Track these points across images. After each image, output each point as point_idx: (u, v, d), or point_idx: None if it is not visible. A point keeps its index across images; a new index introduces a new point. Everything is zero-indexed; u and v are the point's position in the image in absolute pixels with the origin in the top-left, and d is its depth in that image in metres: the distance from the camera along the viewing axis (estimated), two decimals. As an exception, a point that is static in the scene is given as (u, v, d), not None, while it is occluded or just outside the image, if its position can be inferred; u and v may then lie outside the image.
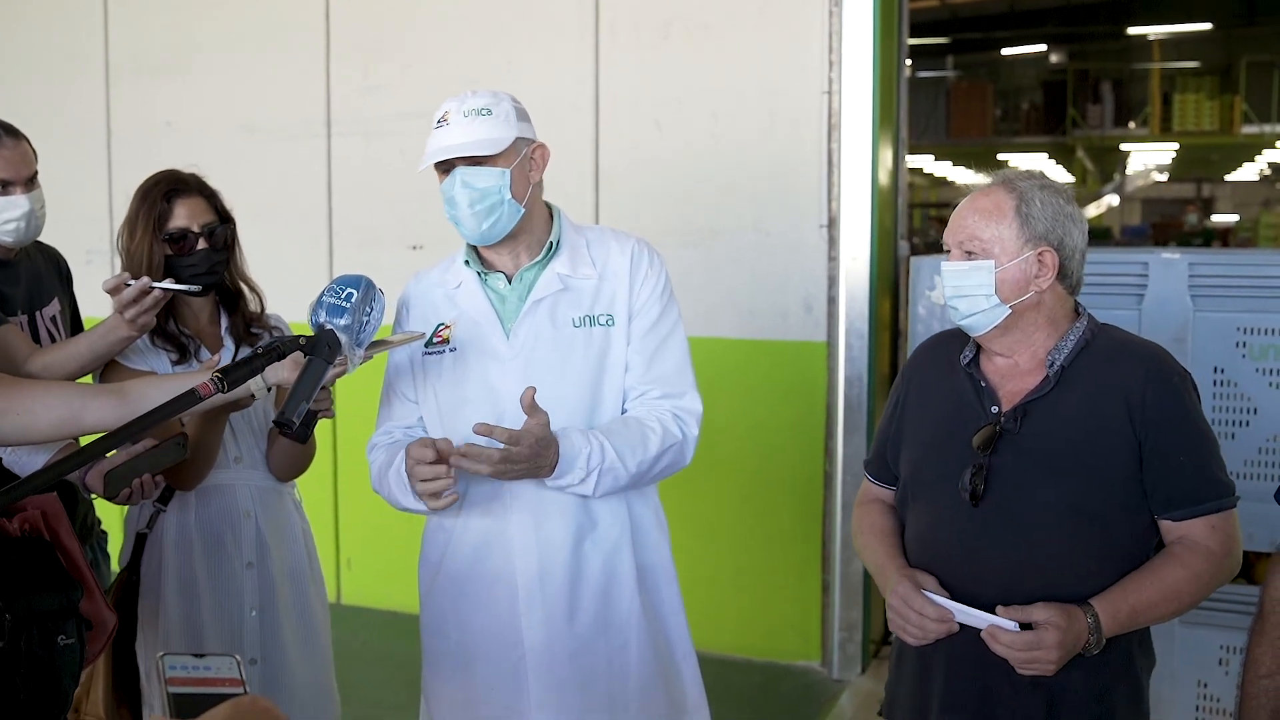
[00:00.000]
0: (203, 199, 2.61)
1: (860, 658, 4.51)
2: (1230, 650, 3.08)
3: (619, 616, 2.33)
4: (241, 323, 2.70)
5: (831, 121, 4.33)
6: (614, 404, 2.32)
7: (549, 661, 2.30)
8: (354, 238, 5.17)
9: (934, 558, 2.08)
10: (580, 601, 2.31)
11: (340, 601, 5.28)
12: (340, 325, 2.03)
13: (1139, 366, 2.02)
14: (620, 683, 2.33)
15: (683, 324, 2.39)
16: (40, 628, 2.20)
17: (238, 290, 2.72)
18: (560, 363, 2.28)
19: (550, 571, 2.29)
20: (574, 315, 2.30)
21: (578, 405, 2.28)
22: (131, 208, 2.60)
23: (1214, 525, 1.99)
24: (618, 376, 2.32)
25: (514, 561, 2.30)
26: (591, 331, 2.30)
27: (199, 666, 1.03)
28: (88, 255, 5.23)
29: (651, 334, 2.32)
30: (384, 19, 5.04)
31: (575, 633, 2.30)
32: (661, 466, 2.30)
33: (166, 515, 2.64)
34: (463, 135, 2.22)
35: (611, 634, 2.32)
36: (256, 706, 0.93)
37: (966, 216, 2.07)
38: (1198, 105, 16.97)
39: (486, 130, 2.22)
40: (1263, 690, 1.82)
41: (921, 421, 2.19)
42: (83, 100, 5.61)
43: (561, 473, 2.19)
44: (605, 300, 2.32)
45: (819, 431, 4.47)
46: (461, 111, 2.23)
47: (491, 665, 2.34)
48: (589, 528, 2.32)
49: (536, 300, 2.29)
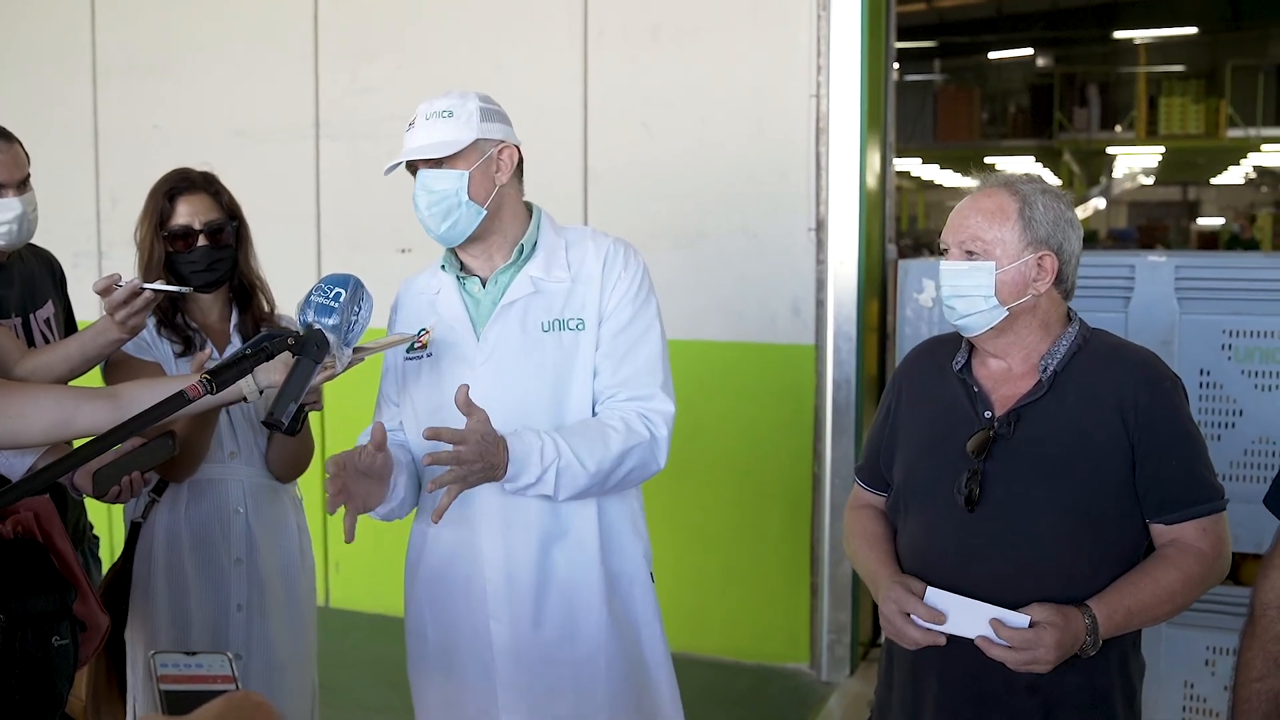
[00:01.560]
0: (208, 196, 2.64)
1: (849, 660, 4.52)
2: (1216, 651, 3.09)
3: (586, 625, 2.31)
4: (251, 321, 2.71)
5: (820, 125, 4.34)
6: (582, 409, 2.29)
7: (516, 666, 2.29)
8: (342, 240, 5.16)
9: (929, 563, 2.08)
10: (546, 607, 2.29)
11: (328, 604, 5.28)
12: (328, 325, 2.03)
13: (1131, 371, 2.03)
14: (588, 692, 2.31)
15: (660, 325, 2.35)
16: (35, 629, 2.21)
17: (250, 288, 2.73)
18: (528, 367, 2.27)
19: (517, 576, 2.28)
20: (544, 319, 2.28)
21: (544, 410, 2.26)
22: (144, 204, 2.65)
23: (1205, 528, 2.01)
24: (586, 381, 2.29)
25: (483, 565, 2.29)
26: (560, 336, 2.28)
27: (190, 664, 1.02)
28: (75, 258, 5.21)
29: (622, 336, 2.29)
30: (373, 22, 5.04)
31: (541, 638, 2.29)
32: (629, 467, 2.24)
33: (159, 507, 2.65)
34: (424, 138, 2.23)
35: (578, 643, 2.30)
36: (249, 702, 0.93)
37: (969, 216, 2.07)
38: (1183, 109, 17.03)
39: (444, 133, 2.22)
40: (1255, 694, 1.82)
41: (914, 427, 2.19)
42: (70, 102, 5.60)
43: (516, 473, 2.13)
44: (576, 304, 2.30)
45: (807, 434, 4.48)
46: (425, 114, 2.25)
47: (467, 667, 2.34)
48: (557, 535, 2.29)
49: (507, 304, 2.28)
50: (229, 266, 2.66)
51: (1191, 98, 17.08)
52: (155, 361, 2.61)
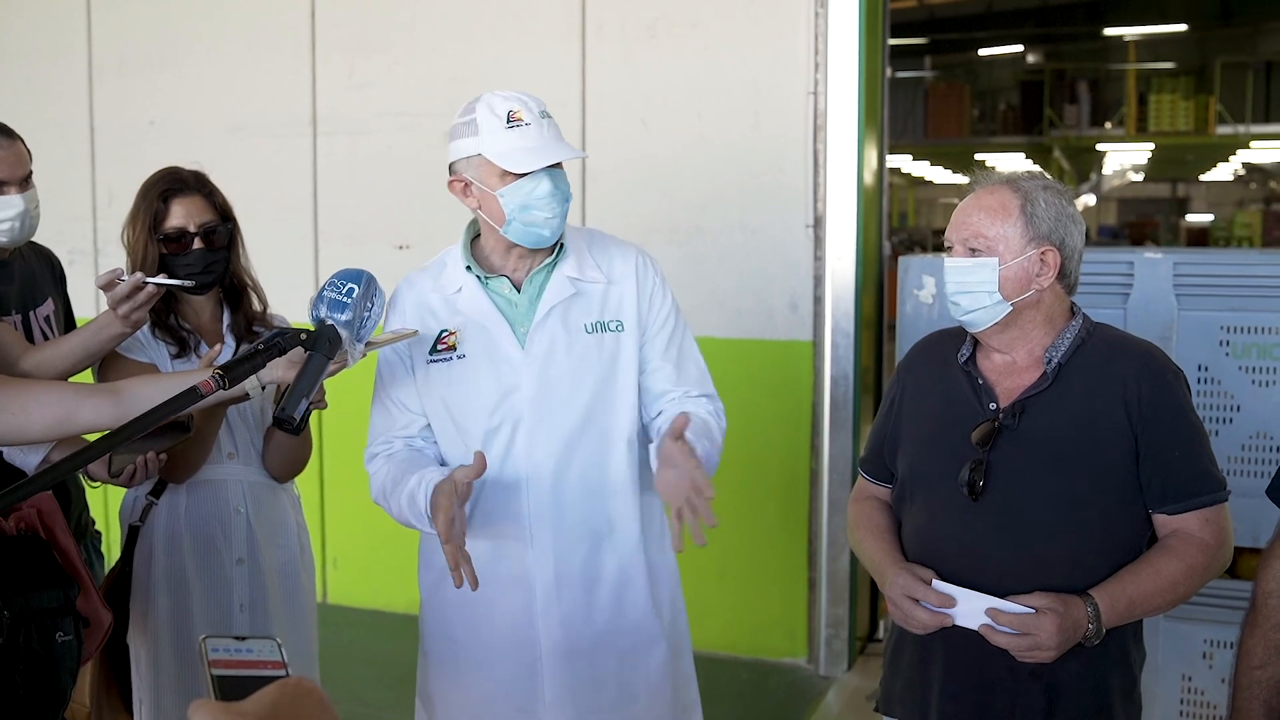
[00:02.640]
0: (201, 198, 2.61)
1: (847, 654, 4.54)
2: (1214, 644, 3.11)
3: (634, 615, 2.34)
4: (243, 321, 2.70)
5: (817, 122, 4.35)
6: (628, 411, 2.32)
7: (565, 661, 2.30)
8: (339, 236, 5.16)
9: (933, 552, 2.11)
10: (597, 602, 2.32)
11: (326, 600, 5.27)
12: (341, 320, 2.03)
13: (1134, 364, 2.06)
14: (630, 681, 2.34)
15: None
16: (38, 624, 2.21)
17: (241, 287, 2.72)
18: (575, 369, 2.28)
19: (567, 575, 2.30)
20: (585, 321, 2.29)
21: (593, 411, 2.29)
22: (134, 204, 2.61)
23: (1207, 518, 2.04)
24: (631, 384, 2.32)
25: (530, 566, 2.29)
26: (603, 337, 2.30)
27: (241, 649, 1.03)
28: (71, 255, 5.19)
29: (673, 342, 2.36)
30: (370, 17, 5.03)
31: (592, 632, 2.31)
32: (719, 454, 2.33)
33: (158, 509, 2.64)
34: (557, 137, 2.21)
35: (624, 633, 2.33)
36: (302, 688, 0.95)
37: (972, 214, 2.09)
38: (1173, 106, 17.08)
39: (561, 133, 2.24)
40: (1255, 681, 1.85)
41: (919, 419, 2.22)
42: (65, 98, 5.58)
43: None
44: (614, 306, 2.32)
45: (805, 430, 4.50)
46: (536, 111, 2.20)
47: (505, 667, 2.34)
48: (606, 531, 2.32)
49: (551, 304, 2.28)
50: (223, 268, 2.65)
51: (1181, 94, 17.13)
52: (151, 363, 2.60)
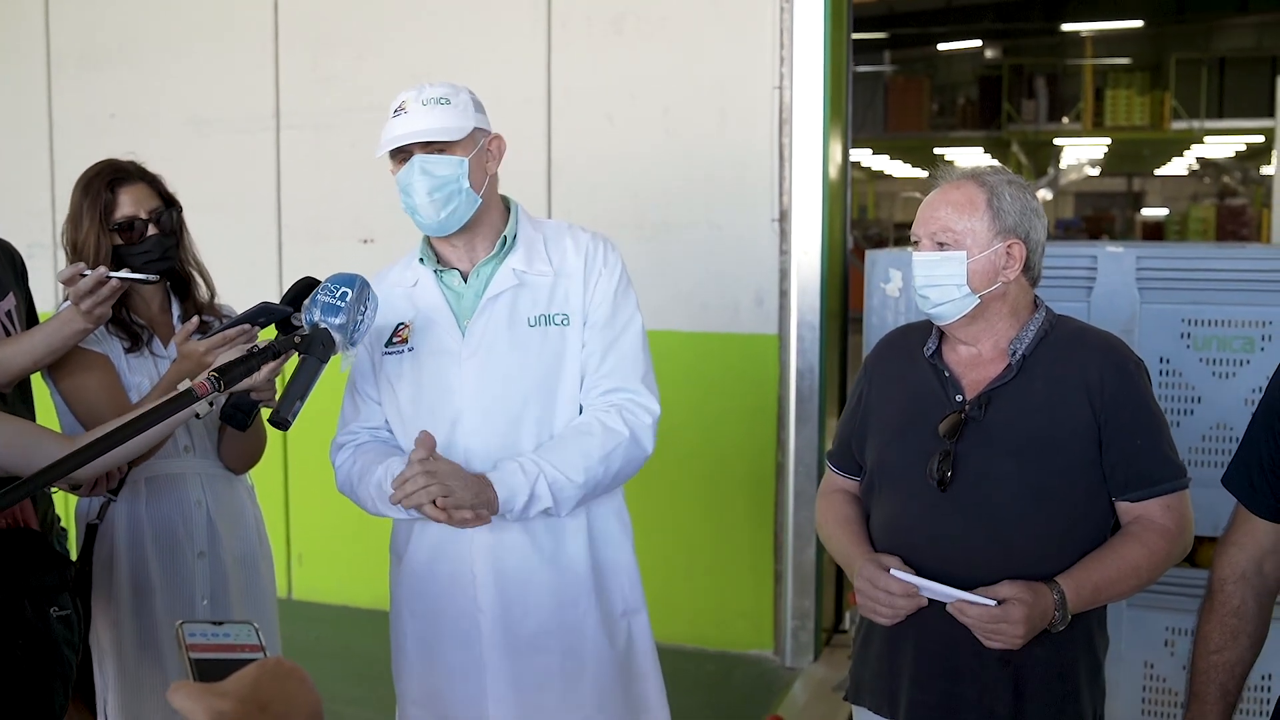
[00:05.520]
0: (145, 185, 2.60)
1: (813, 646, 4.58)
2: (1175, 632, 3.17)
3: (572, 617, 2.33)
4: (192, 309, 2.68)
5: (783, 116, 4.37)
6: (569, 404, 2.31)
7: (505, 657, 2.30)
8: (304, 231, 5.13)
9: (902, 543, 2.13)
10: (536, 598, 2.31)
11: (291, 596, 5.25)
12: (335, 324, 2.04)
13: (1097, 355, 2.10)
14: (576, 681, 2.33)
15: (640, 317, 2.38)
16: (33, 600, 2.21)
17: (188, 277, 2.70)
18: (516, 361, 2.27)
19: (505, 568, 2.30)
20: (530, 314, 2.29)
21: (533, 404, 2.28)
22: (74, 201, 2.57)
23: (1169, 505, 2.09)
24: (574, 377, 2.31)
25: (473, 560, 2.30)
26: (547, 330, 2.29)
27: (218, 633, 1.05)
28: (30, 248, 5.11)
29: (605, 331, 2.32)
30: (334, 10, 5.01)
31: (530, 629, 2.31)
32: (616, 468, 2.28)
33: (117, 505, 2.62)
34: (425, 122, 2.21)
35: (567, 633, 2.32)
36: (283, 668, 0.96)
37: (939, 208, 2.13)
38: (1129, 101, 17.29)
39: (445, 119, 2.22)
40: (1212, 665, 1.90)
41: (886, 412, 2.25)
42: (23, 91, 5.51)
43: (508, 498, 2.18)
44: (560, 299, 2.31)
45: (771, 423, 4.52)
46: (420, 100, 2.23)
47: (453, 659, 2.35)
48: (546, 527, 2.31)
49: (492, 297, 2.28)
50: (175, 254, 2.63)
51: (1137, 90, 17.35)
52: (104, 354, 2.58)
